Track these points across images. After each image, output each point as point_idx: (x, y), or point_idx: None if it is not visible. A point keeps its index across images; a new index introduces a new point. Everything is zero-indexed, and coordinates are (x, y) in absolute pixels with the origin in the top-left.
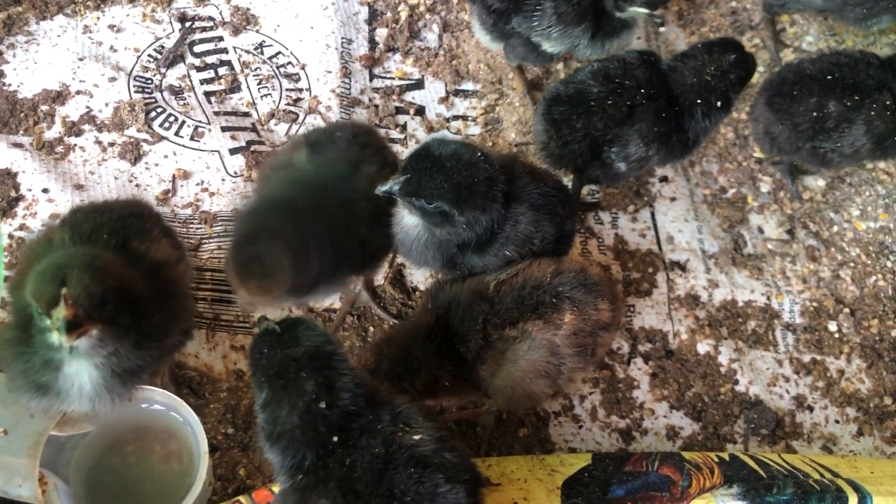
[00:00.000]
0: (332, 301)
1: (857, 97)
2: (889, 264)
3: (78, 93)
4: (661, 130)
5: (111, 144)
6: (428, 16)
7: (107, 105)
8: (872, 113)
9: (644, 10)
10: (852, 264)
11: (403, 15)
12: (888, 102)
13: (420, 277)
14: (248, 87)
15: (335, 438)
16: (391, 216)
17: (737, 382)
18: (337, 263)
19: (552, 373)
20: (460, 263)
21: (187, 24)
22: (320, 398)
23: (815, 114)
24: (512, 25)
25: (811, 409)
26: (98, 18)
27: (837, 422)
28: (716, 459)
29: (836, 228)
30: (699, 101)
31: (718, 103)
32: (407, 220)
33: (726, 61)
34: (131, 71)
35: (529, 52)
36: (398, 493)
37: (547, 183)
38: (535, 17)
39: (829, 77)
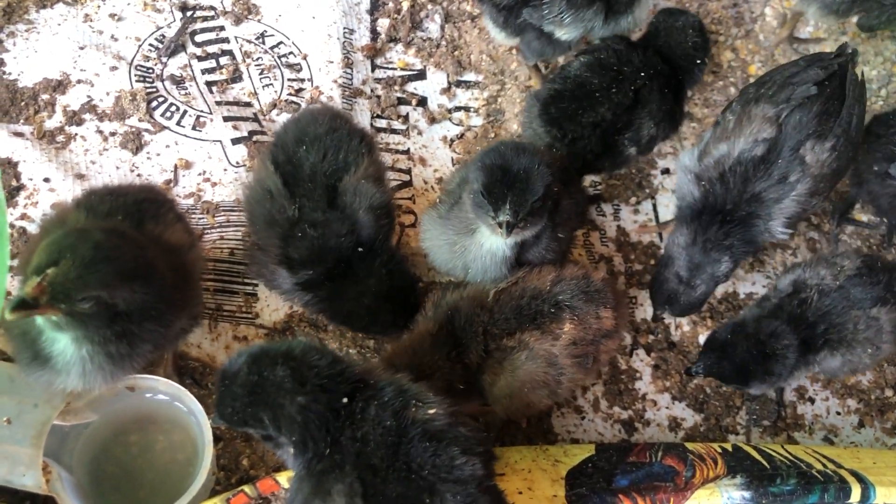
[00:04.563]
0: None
1: None
2: (890, 257)
3: (79, 82)
4: (667, 106)
5: (112, 134)
6: (430, 6)
7: (108, 94)
8: None
9: None
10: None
11: (405, 5)
12: None
13: (421, 269)
14: (249, 76)
15: (344, 400)
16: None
17: None
18: None
19: (551, 383)
20: (522, 262)
21: (188, 14)
22: (292, 377)
23: None
24: (523, 18)
25: (812, 400)
26: (99, 7)
27: (839, 413)
28: (719, 450)
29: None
30: (698, 61)
31: (707, 58)
32: (490, 244)
33: (690, 22)
34: (132, 60)
35: (545, 45)
36: (415, 466)
37: (555, 161)
38: (545, 6)
39: None
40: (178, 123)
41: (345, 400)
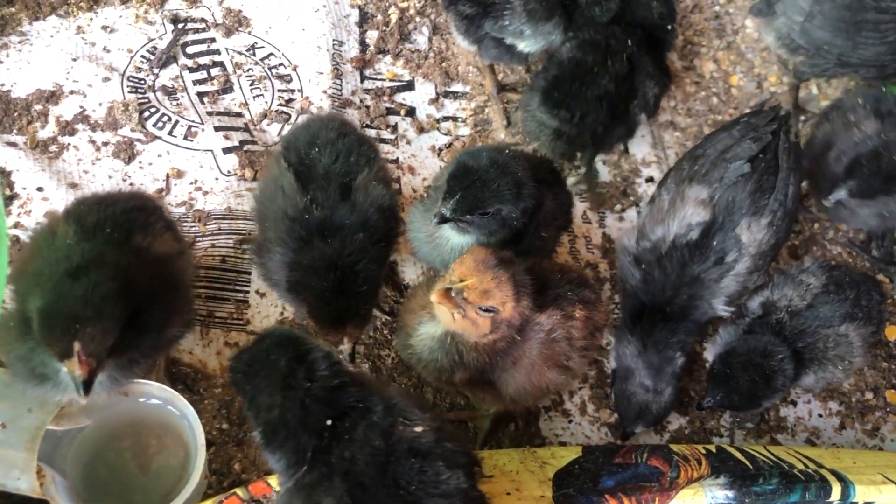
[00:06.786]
0: None
1: None
2: (868, 263)
3: (71, 93)
4: (659, 65)
5: (105, 144)
6: (418, 18)
7: (100, 105)
8: None
9: None
10: (833, 262)
11: (394, 18)
12: None
13: (412, 275)
14: (240, 87)
15: (328, 422)
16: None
17: None
18: None
19: (566, 364)
20: None
21: (180, 26)
22: (295, 371)
23: None
24: (484, 30)
25: (794, 403)
26: (91, 19)
27: (820, 416)
28: (703, 451)
29: (817, 227)
30: (669, 27)
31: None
32: (456, 241)
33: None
34: (124, 71)
35: (503, 53)
36: (403, 483)
37: (543, 162)
38: (505, 17)
39: None
40: (170, 133)
41: (329, 422)
